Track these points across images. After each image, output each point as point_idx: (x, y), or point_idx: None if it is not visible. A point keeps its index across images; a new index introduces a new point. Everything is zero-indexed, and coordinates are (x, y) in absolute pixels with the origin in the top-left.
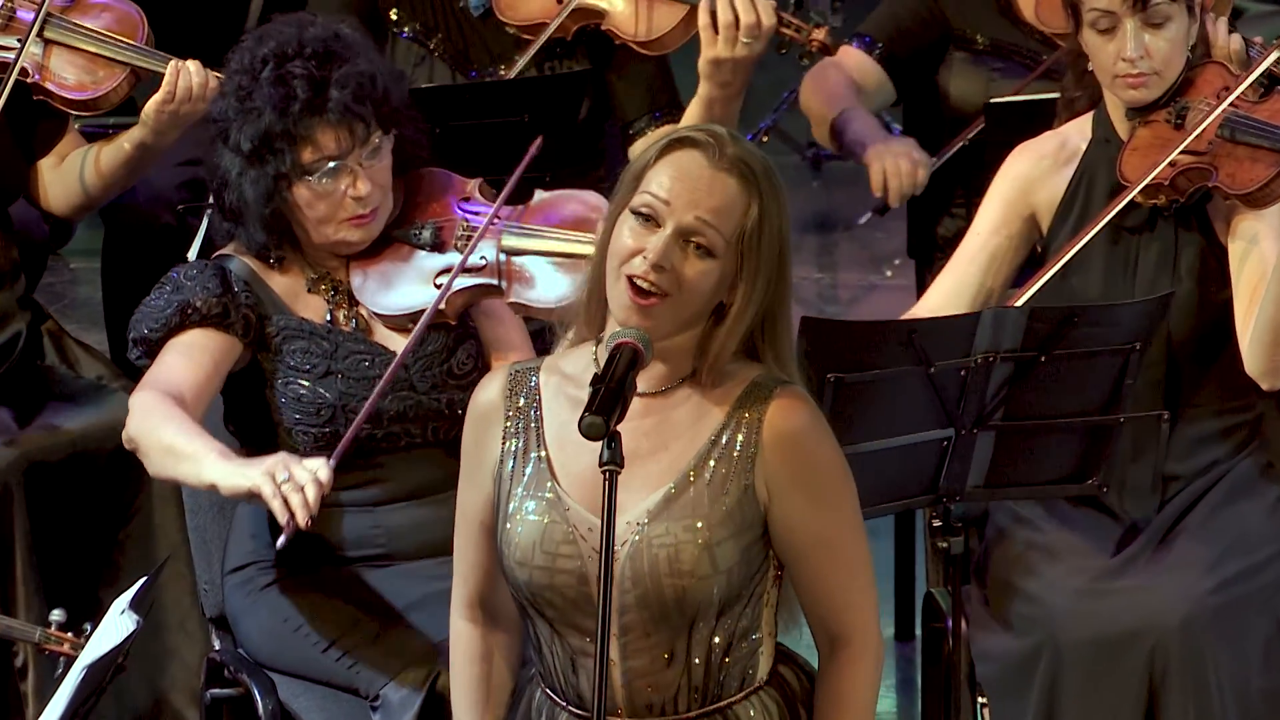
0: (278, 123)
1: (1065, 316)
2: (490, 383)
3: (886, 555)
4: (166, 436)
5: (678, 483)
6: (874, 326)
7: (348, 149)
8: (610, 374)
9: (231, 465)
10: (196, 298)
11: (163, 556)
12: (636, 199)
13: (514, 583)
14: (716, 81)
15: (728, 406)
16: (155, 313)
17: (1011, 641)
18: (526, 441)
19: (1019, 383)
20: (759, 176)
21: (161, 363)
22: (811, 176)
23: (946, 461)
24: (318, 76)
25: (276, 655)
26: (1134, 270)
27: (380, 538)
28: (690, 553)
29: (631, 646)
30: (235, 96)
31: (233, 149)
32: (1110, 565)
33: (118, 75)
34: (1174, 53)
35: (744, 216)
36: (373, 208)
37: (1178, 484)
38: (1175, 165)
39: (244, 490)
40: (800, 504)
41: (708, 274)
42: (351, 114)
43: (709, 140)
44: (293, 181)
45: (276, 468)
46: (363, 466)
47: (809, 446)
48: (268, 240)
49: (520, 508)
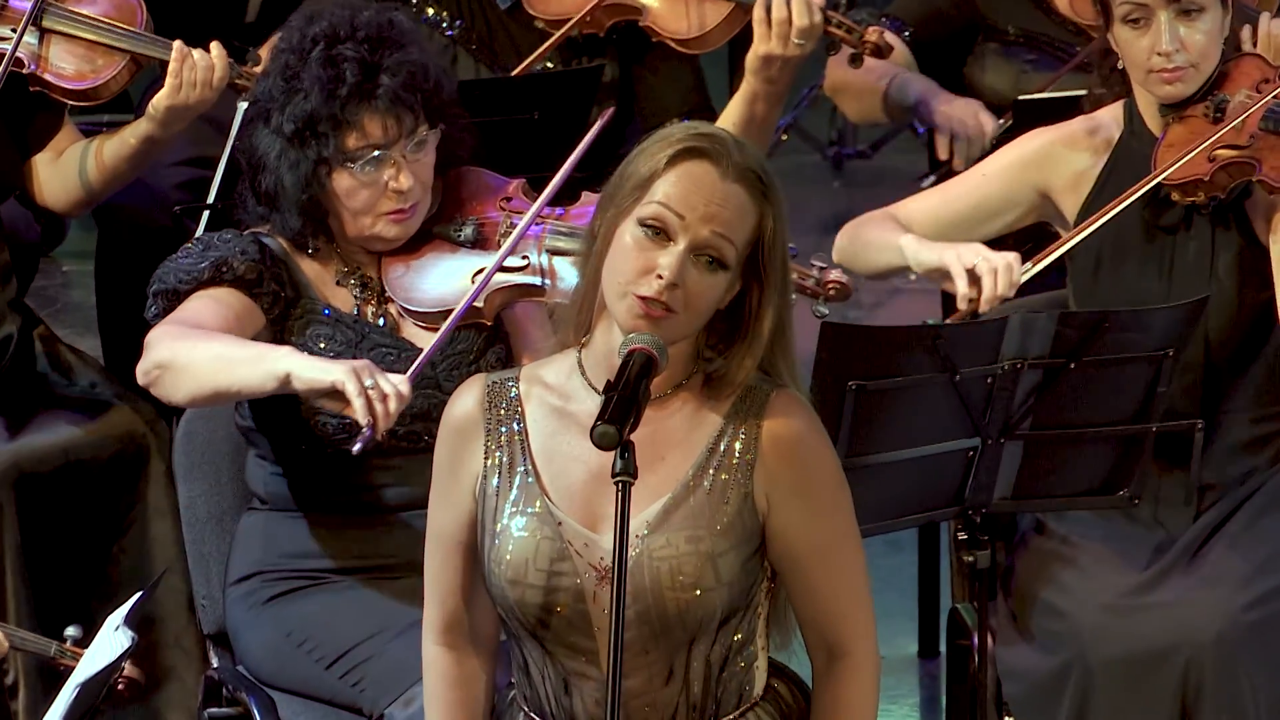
0: (324, 105)
1: (1096, 322)
2: (465, 395)
3: (910, 570)
4: (214, 346)
5: (676, 493)
6: (897, 332)
7: (394, 138)
8: (624, 381)
9: (309, 358)
10: (233, 257)
11: (158, 571)
12: (645, 209)
13: (504, 603)
14: (764, 77)
15: (724, 412)
16: (186, 267)
17: (1040, 659)
18: (511, 455)
19: (1048, 390)
20: (766, 185)
21: (185, 307)
22: (832, 176)
23: (972, 472)
24: (369, 61)
25: (278, 672)
26: (1169, 271)
27: (391, 548)
28: (693, 565)
29: (629, 665)
30: (281, 76)
31: (274, 130)
32: (1142, 580)
33: (117, 63)
34: (1210, 45)
35: (757, 228)
36: (412, 203)
37: (1213, 494)
38: (1215, 160)
39: (325, 385)
40: (800, 512)
41: (717, 286)
42: (400, 102)
43: (718, 149)
44: (334, 168)
45: (362, 370)
46: (380, 468)
47: (808, 452)
48: (303, 227)
49: (509, 525)
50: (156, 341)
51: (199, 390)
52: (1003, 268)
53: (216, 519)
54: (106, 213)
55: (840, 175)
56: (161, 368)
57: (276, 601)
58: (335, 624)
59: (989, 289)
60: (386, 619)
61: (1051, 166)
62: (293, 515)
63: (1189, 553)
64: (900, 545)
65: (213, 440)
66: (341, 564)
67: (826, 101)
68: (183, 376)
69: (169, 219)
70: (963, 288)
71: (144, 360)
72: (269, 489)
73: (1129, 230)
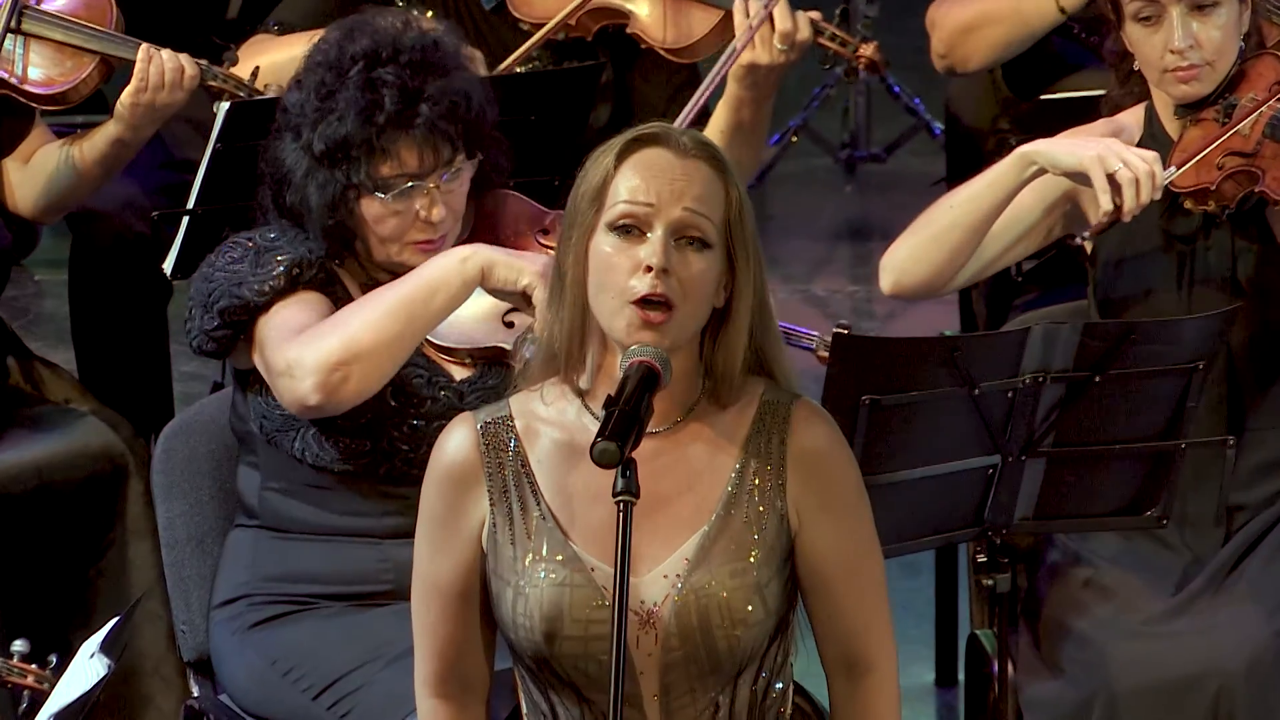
0: (359, 131)
1: (1122, 333)
2: (457, 439)
3: (927, 594)
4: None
5: (713, 524)
6: (913, 344)
7: (429, 169)
8: (624, 396)
9: (499, 251)
10: (304, 259)
11: (136, 595)
12: (610, 214)
13: (536, 656)
14: (746, 84)
15: (745, 432)
16: (259, 277)
17: (1063, 688)
18: (522, 499)
19: (1071, 405)
20: (723, 160)
21: (279, 318)
22: (844, 181)
23: (992, 491)
24: (410, 87)
25: (263, 701)
26: (1189, 282)
27: (387, 573)
28: (742, 599)
29: (675, 704)
30: (315, 93)
31: (303, 147)
32: (1170, 605)
33: (87, 65)
34: (1226, 42)
35: (726, 201)
36: (442, 234)
37: (1243, 515)
38: (1223, 169)
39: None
40: (828, 527)
41: (708, 269)
42: (439, 132)
43: (665, 133)
44: (363, 194)
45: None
46: (388, 495)
47: (834, 465)
48: (327, 250)
49: (535, 575)
50: (308, 350)
51: (399, 352)
52: (1144, 175)
53: (197, 540)
54: (80, 219)
55: (853, 179)
56: (346, 363)
57: (262, 627)
58: (323, 652)
59: (1130, 200)
60: (377, 647)
61: None
62: (282, 536)
63: (1219, 577)
64: (917, 568)
65: (193, 458)
66: (331, 589)
67: (838, 102)
68: (376, 354)
69: (146, 225)
70: (1106, 203)
71: (307, 377)
72: (264, 504)
73: (1146, 241)
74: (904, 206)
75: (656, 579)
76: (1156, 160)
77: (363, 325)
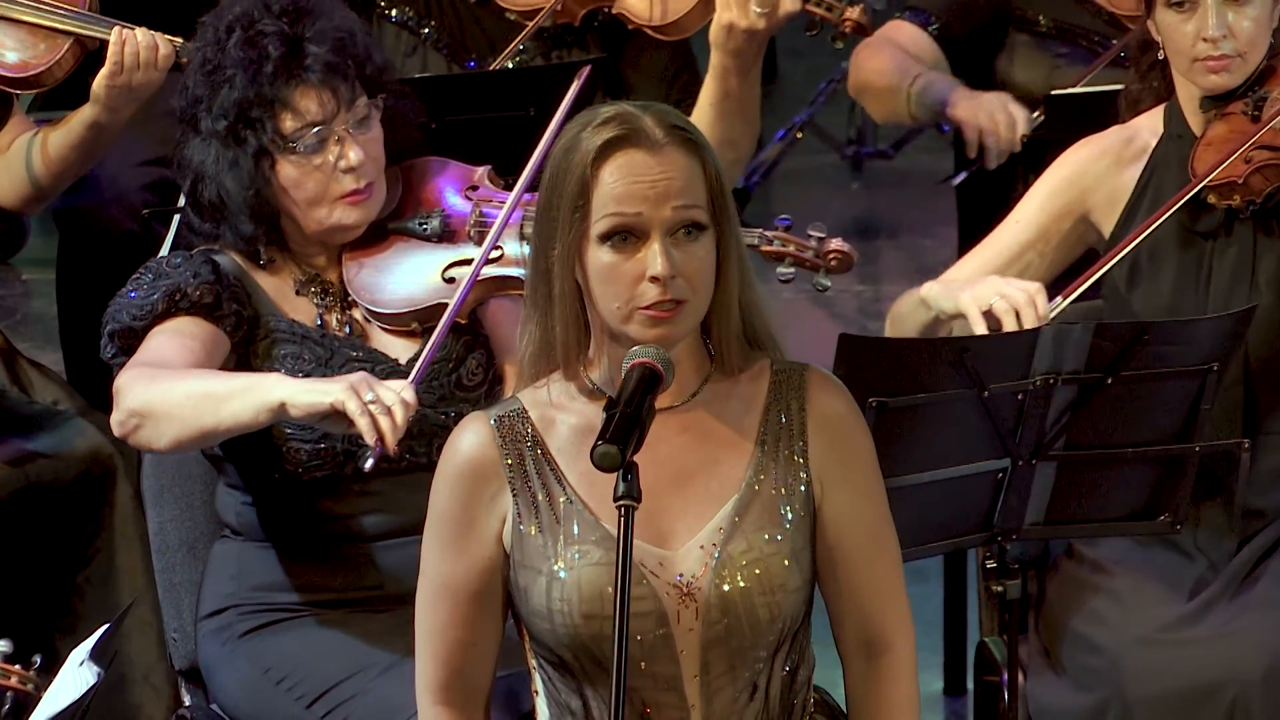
0: (250, 88)
1: (1134, 334)
2: (470, 436)
3: (935, 601)
4: (195, 383)
5: (743, 493)
6: (921, 345)
7: (332, 112)
8: (625, 397)
9: (303, 382)
10: (186, 284)
11: (126, 602)
12: (599, 226)
13: (574, 643)
14: (728, 50)
15: (763, 400)
16: (138, 300)
17: (1074, 696)
18: (546, 486)
19: (1083, 408)
20: (689, 129)
21: (147, 347)
22: (851, 178)
23: (1002, 496)
24: (290, 34)
25: (255, 711)
26: (1207, 280)
27: (374, 578)
28: (779, 564)
29: (714, 685)
30: (201, 73)
31: (205, 135)
32: (1184, 612)
33: (60, 46)
34: (1258, 33)
35: (706, 178)
36: (368, 181)
37: (1259, 521)
38: (1251, 162)
39: (324, 407)
40: (849, 495)
41: (708, 253)
42: (334, 71)
43: (632, 128)
44: (275, 158)
45: (360, 385)
46: (359, 492)
47: (852, 432)
48: (255, 231)
49: (568, 559)
50: (127, 388)
51: (185, 434)
52: (1024, 302)
53: (188, 546)
54: (68, 217)
55: (860, 176)
56: (140, 415)
57: (253, 636)
58: (316, 660)
59: (1012, 327)
60: (370, 654)
61: (1090, 190)
62: (267, 546)
63: (1234, 583)
64: (925, 574)
65: (184, 462)
66: (321, 597)
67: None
68: (165, 422)
69: (135, 223)
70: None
71: (117, 410)
72: (241, 519)
73: (1164, 236)
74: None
75: (693, 550)
76: (1040, 290)
77: (163, 392)
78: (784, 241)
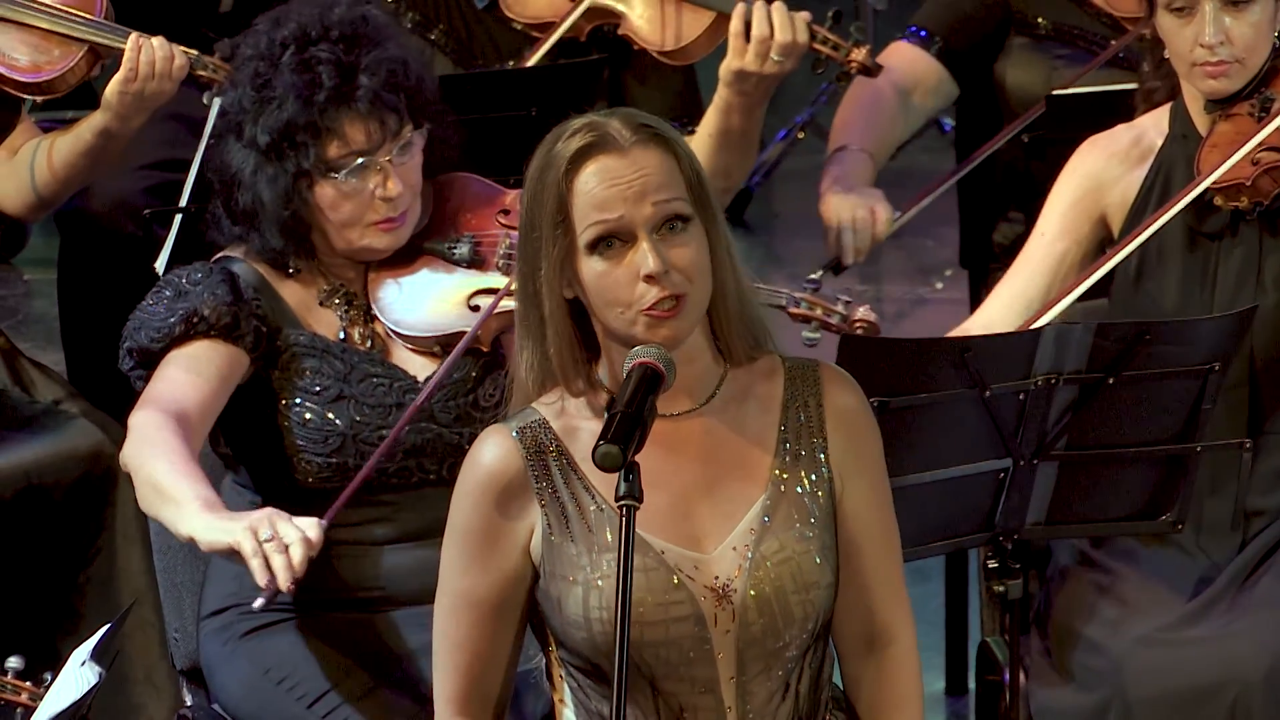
0: (301, 113)
1: (1136, 334)
2: (494, 449)
3: (936, 600)
4: (156, 473)
5: (770, 493)
6: (922, 345)
7: (378, 143)
8: (626, 397)
9: (213, 518)
10: (204, 305)
11: (127, 602)
12: (584, 236)
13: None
14: (737, 90)
15: (781, 397)
16: (156, 321)
17: (1075, 696)
18: (575, 496)
19: (1084, 408)
20: (658, 126)
21: (162, 377)
22: None
23: (1003, 495)
24: (345, 62)
25: (256, 711)
26: (1213, 281)
27: (378, 579)
28: (810, 561)
29: (750, 686)
30: (251, 85)
31: (247, 144)
32: (1186, 611)
33: (74, 53)
34: (1258, 38)
35: (681, 170)
36: (402, 210)
37: (1261, 520)
38: (1259, 164)
39: (223, 546)
40: (864, 488)
41: (699, 244)
42: (383, 104)
43: (599, 134)
44: (315, 180)
45: (260, 524)
46: (370, 503)
47: (866, 426)
48: (285, 246)
49: (601, 565)
50: (132, 432)
51: (146, 510)
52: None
53: (190, 547)
54: (69, 219)
55: None
56: (125, 467)
57: (255, 635)
58: (317, 660)
59: None
60: (371, 655)
61: (1104, 192)
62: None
63: (1236, 583)
64: (926, 574)
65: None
66: (323, 597)
67: None
68: (137, 490)
69: (136, 226)
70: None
71: (123, 447)
72: None
73: (1171, 237)
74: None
75: (726, 552)
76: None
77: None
78: (811, 304)
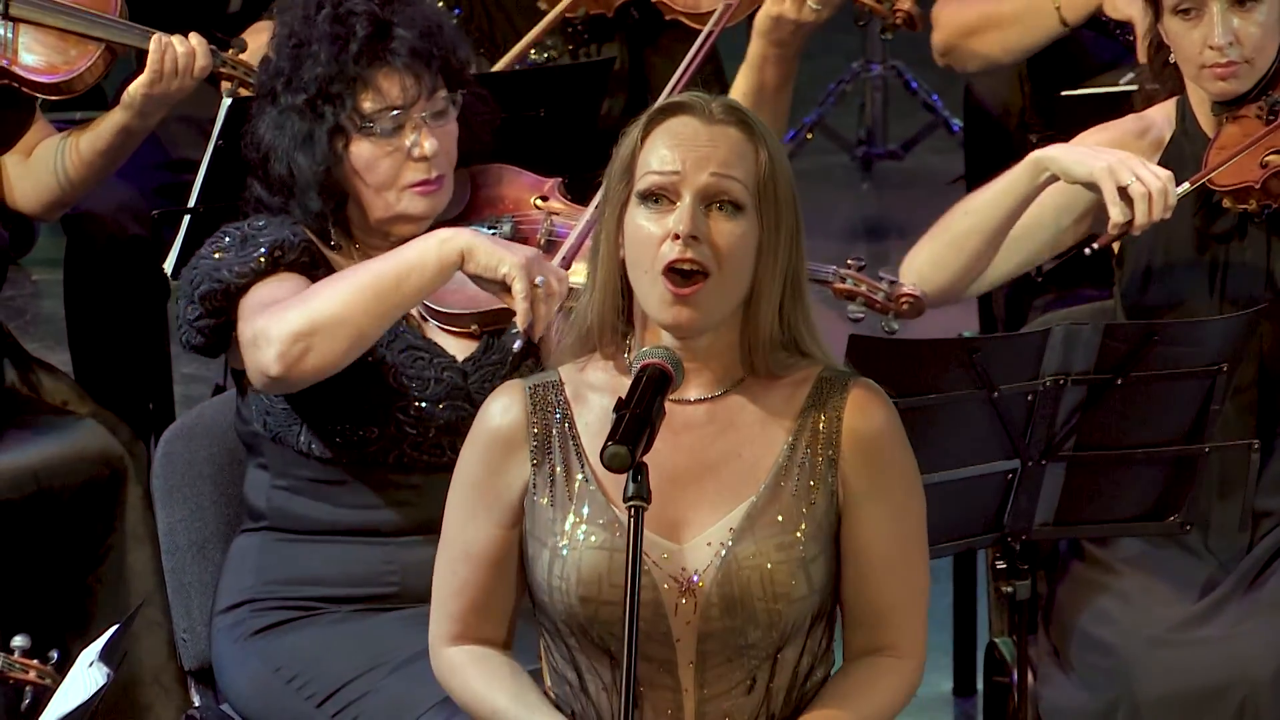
0: (334, 64)
1: (1144, 335)
2: (504, 401)
3: (945, 601)
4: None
5: (761, 495)
6: (930, 345)
7: (413, 98)
8: (634, 398)
9: (483, 239)
10: (285, 241)
11: (136, 602)
12: (639, 185)
13: (572, 621)
14: (772, 40)
15: (799, 405)
16: (233, 260)
17: (1084, 697)
18: (566, 461)
19: (1093, 408)
20: (756, 123)
21: (256, 295)
22: (861, 178)
23: (1012, 496)
24: (380, 16)
25: (266, 710)
26: (1222, 282)
27: (392, 575)
28: (785, 573)
29: (710, 673)
30: (286, 47)
31: (282, 109)
32: (1194, 612)
33: (91, 53)
34: (1266, 39)
35: (756, 163)
36: (439, 174)
37: (1269, 521)
38: (1267, 166)
39: (499, 275)
40: (877, 516)
41: (743, 235)
42: (418, 57)
43: (693, 100)
44: (351, 137)
45: (533, 265)
46: (396, 484)
47: (889, 453)
48: (324, 208)
49: (576, 538)
50: (273, 322)
51: (366, 329)
52: (1158, 191)
53: (198, 547)
54: (75, 221)
55: (869, 177)
56: (307, 335)
57: (265, 634)
58: (328, 658)
59: (1142, 215)
60: (383, 653)
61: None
62: (290, 538)
63: (1244, 583)
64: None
65: (194, 462)
66: (336, 592)
67: (855, 98)
68: (341, 328)
69: (142, 227)
70: (1117, 215)
71: (270, 346)
72: (271, 503)
73: (1179, 239)
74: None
75: (700, 546)
76: (1170, 178)
77: (329, 299)
78: (856, 281)
